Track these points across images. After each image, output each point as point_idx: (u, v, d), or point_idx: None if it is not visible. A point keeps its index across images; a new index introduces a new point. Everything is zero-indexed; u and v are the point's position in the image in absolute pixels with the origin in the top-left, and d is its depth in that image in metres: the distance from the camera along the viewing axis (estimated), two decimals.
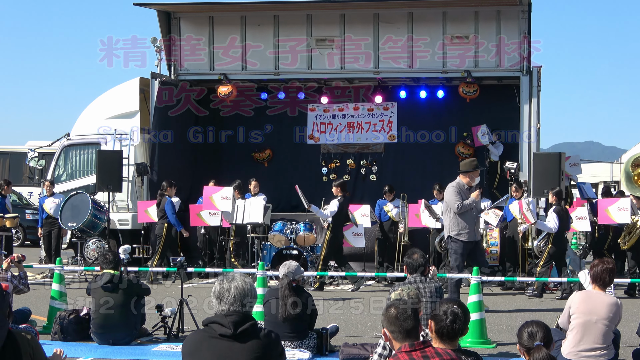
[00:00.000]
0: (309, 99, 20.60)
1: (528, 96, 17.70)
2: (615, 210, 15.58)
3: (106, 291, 10.27)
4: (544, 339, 5.31)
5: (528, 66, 17.90)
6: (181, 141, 19.44)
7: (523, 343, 5.36)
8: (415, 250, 8.44)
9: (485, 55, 18.47)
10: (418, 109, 20.09)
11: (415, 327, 5.11)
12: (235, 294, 4.78)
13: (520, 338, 5.40)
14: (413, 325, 5.10)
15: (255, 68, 19.66)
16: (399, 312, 5.12)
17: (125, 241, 17.58)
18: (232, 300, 4.77)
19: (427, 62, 18.79)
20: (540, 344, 5.27)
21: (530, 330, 5.37)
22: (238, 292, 4.79)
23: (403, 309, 5.13)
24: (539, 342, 5.28)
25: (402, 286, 7.49)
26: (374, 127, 20.49)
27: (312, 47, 19.23)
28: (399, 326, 5.09)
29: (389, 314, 5.15)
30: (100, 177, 17.53)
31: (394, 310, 5.15)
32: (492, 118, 19.59)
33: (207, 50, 19.77)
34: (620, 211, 15.55)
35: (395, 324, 5.10)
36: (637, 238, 15.71)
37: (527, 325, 5.45)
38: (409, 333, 5.08)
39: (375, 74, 19.16)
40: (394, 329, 5.11)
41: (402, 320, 5.09)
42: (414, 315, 5.13)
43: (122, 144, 18.76)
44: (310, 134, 20.83)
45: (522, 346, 5.38)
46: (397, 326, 5.09)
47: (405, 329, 5.08)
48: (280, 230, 17.08)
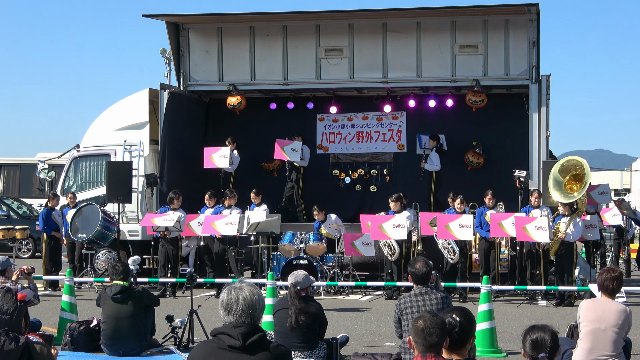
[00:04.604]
0: (318, 108, 20.62)
1: (537, 104, 17.65)
2: (532, 229, 15.29)
3: (116, 302, 10.28)
4: (550, 347, 5.19)
5: (537, 74, 17.87)
6: (190, 152, 19.45)
7: (527, 352, 5.26)
8: (418, 258, 8.37)
9: (493, 64, 18.47)
10: (427, 118, 20.07)
11: (438, 343, 5.10)
12: (244, 304, 4.70)
13: (524, 345, 5.28)
14: (437, 342, 5.09)
15: (264, 78, 19.70)
16: (427, 325, 5.11)
17: (135, 252, 17.58)
18: (241, 312, 4.70)
19: (436, 71, 18.82)
20: (545, 355, 5.16)
21: (535, 337, 5.22)
22: (246, 303, 4.71)
23: (431, 324, 5.11)
24: (545, 353, 5.16)
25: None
26: (383, 137, 20.49)
27: (320, 57, 19.27)
28: (423, 339, 5.09)
29: (416, 325, 5.15)
30: (110, 188, 17.56)
31: (422, 322, 5.14)
32: (501, 126, 19.58)
33: (216, 61, 19.83)
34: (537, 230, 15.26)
35: (420, 336, 5.10)
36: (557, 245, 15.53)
37: (531, 331, 5.28)
38: (431, 348, 5.08)
39: (384, 84, 19.18)
40: (417, 340, 5.12)
41: (427, 334, 5.09)
42: (440, 331, 5.11)
43: (131, 155, 18.77)
44: (320, 144, 20.83)
45: (526, 354, 5.29)
46: (422, 338, 5.09)
47: (429, 343, 5.08)
48: (290, 241, 17.08)
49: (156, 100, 19.26)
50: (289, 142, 18.89)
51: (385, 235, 16.13)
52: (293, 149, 18.82)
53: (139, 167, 18.69)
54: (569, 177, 15.64)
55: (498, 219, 15.79)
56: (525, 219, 15.49)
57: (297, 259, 16.60)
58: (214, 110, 21.09)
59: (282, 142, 18.83)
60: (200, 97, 20.83)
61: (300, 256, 16.71)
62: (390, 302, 15.37)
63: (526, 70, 18.10)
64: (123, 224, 18.21)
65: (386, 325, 12.38)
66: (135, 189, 18.31)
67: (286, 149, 18.76)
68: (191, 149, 19.43)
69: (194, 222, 16.87)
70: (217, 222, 16.69)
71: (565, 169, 15.67)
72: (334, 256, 17.17)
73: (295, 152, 18.81)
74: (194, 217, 17.01)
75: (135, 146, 18.86)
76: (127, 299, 10.29)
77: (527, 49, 18.11)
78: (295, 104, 20.53)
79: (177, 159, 19.24)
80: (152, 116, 19.28)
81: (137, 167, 18.55)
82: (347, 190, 20.48)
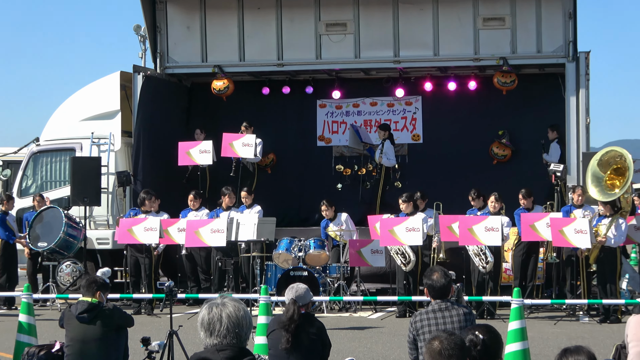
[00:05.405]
0: (318, 93, 20.56)
1: (575, 86, 17.63)
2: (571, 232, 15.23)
3: (82, 322, 10.18)
4: None
5: (574, 51, 17.82)
6: (169, 145, 19.38)
7: None
8: (436, 268, 8.25)
9: (523, 40, 18.42)
10: (446, 104, 20.02)
11: None
12: (228, 323, 4.65)
13: None
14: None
15: (254, 59, 19.66)
16: (443, 347, 5.04)
17: (105, 263, 17.56)
18: (225, 332, 4.66)
19: (456, 48, 18.81)
20: None
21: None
22: (231, 321, 4.66)
23: (449, 345, 5.04)
24: None
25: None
26: (395, 126, 20.42)
27: (321, 32, 19.22)
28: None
29: (431, 347, 5.07)
30: (75, 188, 17.52)
31: (437, 343, 5.07)
32: (533, 112, 19.51)
33: (198, 39, 19.81)
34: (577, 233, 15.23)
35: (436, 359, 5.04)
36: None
37: (564, 356, 5.12)
38: None
39: (396, 64, 19.16)
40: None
41: (444, 357, 5.02)
42: (460, 353, 5.04)
43: (100, 149, 18.77)
44: (321, 135, 20.78)
45: None
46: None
47: None
48: (287, 248, 17.00)
49: (129, 85, 19.25)
50: (238, 136, 18.74)
51: (397, 241, 15.99)
52: (245, 143, 18.56)
53: (109, 163, 18.71)
54: (610, 172, 15.54)
55: (530, 220, 15.71)
56: (562, 221, 15.39)
57: (295, 269, 16.53)
58: (196, 96, 21.08)
59: (231, 136, 18.65)
60: (181, 81, 20.80)
61: (299, 266, 16.64)
62: (404, 320, 15.31)
63: (562, 47, 18.07)
64: (90, 230, 18.20)
65: (400, 347, 12.33)
66: (105, 189, 18.32)
67: (236, 145, 18.56)
68: (170, 142, 19.33)
69: (173, 228, 16.78)
70: (202, 230, 16.55)
71: (605, 162, 15.55)
72: (338, 266, 17.08)
73: (247, 147, 18.54)
74: (173, 221, 16.92)
75: (104, 139, 18.85)
76: (95, 318, 10.17)
77: (562, 22, 18.08)
78: (292, 89, 20.50)
79: (153, 154, 19.23)
80: (125, 104, 19.27)
81: (106, 164, 18.56)
82: (352, 189, 20.39)
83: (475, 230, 15.64)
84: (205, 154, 18.41)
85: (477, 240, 15.66)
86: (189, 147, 18.55)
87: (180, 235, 16.73)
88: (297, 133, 20.92)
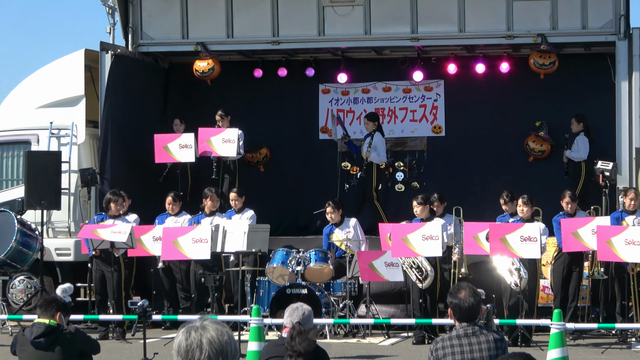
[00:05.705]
0: (321, 77, 20.58)
1: (627, 69, 17.67)
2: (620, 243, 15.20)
3: (38, 348, 10.17)
4: None
5: (626, 27, 17.84)
6: (143, 138, 19.38)
7: None
8: (463, 285, 8.16)
9: (565, 13, 18.43)
10: (473, 90, 20.04)
11: None
12: (210, 350, 4.63)
13: None
14: None
15: (245, 35, 19.66)
16: None
17: (66, 279, 17.55)
18: None
19: (485, 23, 18.82)
20: None
21: None
22: (213, 348, 4.64)
23: None
24: None
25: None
26: (412, 115, 20.45)
27: (324, 4, 19.21)
28: None
29: None
30: (30, 188, 17.52)
31: None
32: (576, 100, 19.50)
33: (178, 11, 19.78)
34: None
35: None
36: None
37: None
38: None
39: (414, 41, 19.17)
40: None
41: None
42: None
43: (60, 142, 18.77)
44: (324, 126, 20.79)
45: None
46: None
47: None
48: (283, 262, 17.00)
49: (95, 65, 19.29)
50: (217, 131, 18.71)
51: (411, 251, 15.93)
52: (225, 139, 18.57)
53: (71, 159, 18.72)
54: None
55: (573, 226, 15.62)
56: (610, 229, 15.34)
57: (293, 286, 16.55)
58: (176, 79, 21.09)
59: (208, 131, 18.68)
60: (157, 61, 20.82)
61: (297, 283, 16.65)
62: (422, 348, 15.30)
63: (611, 22, 18.08)
64: (48, 238, 18.20)
65: None
66: (66, 190, 18.32)
67: (215, 141, 18.53)
68: (144, 134, 19.35)
69: (147, 237, 16.74)
70: (181, 240, 16.50)
71: None
72: (344, 283, 17.06)
73: (228, 144, 18.59)
74: (147, 229, 16.89)
75: (65, 130, 18.87)
76: (54, 344, 10.17)
77: None
78: (290, 71, 20.47)
79: (124, 148, 19.28)
80: (90, 88, 19.32)
81: (68, 160, 18.58)
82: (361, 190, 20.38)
83: (509, 240, 15.50)
84: (186, 149, 18.42)
85: (511, 252, 15.50)
86: (167, 140, 18.56)
87: (155, 246, 16.70)
88: (296, 124, 20.93)
